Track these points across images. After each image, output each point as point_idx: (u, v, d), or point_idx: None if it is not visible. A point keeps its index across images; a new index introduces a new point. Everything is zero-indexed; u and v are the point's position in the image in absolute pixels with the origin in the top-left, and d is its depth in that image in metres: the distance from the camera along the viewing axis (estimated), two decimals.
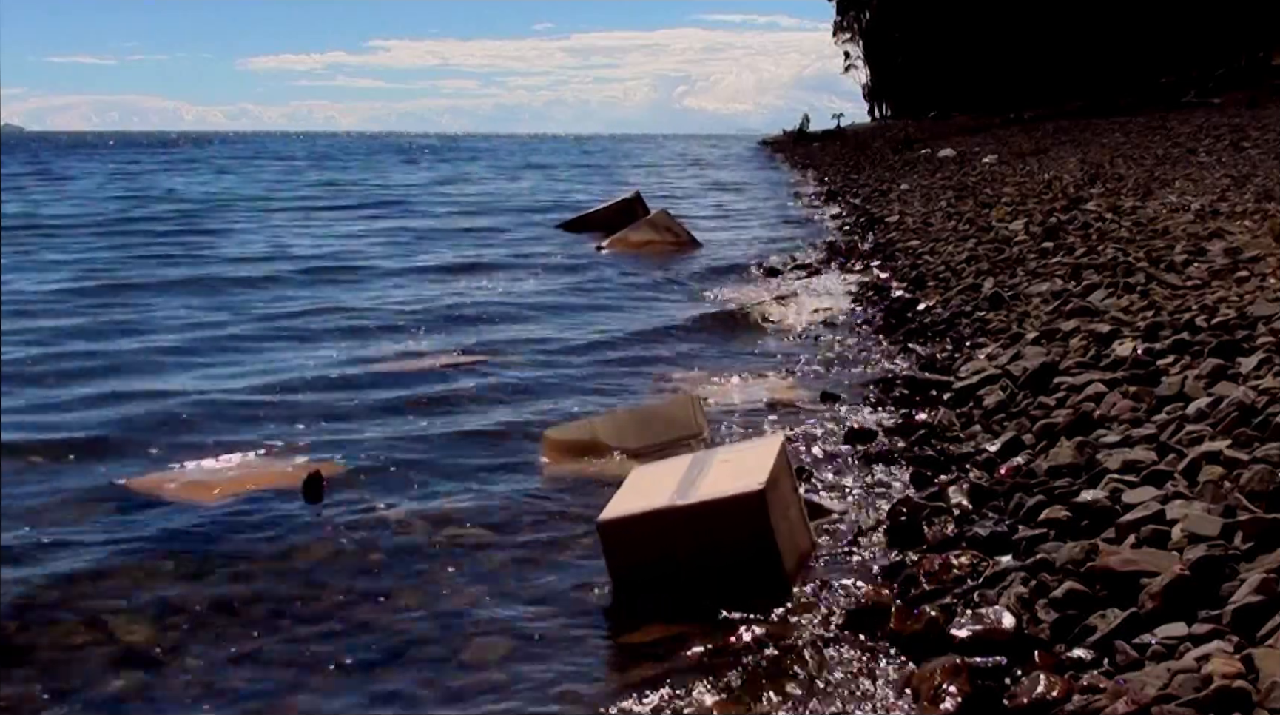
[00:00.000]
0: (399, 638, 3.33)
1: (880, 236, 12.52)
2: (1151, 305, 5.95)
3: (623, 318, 9.02)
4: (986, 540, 3.56)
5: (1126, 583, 2.94)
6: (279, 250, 13.78)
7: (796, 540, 3.75)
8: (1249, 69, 34.19)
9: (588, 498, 4.43)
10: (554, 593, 3.64)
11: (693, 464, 3.96)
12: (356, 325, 8.53)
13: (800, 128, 53.99)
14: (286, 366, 7.05)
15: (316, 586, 3.71)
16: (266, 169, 38.58)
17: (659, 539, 3.57)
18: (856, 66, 63.63)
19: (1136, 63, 38.29)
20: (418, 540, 4.10)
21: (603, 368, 7.07)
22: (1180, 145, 17.19)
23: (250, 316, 9.01)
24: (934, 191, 16.23)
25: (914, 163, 24.38)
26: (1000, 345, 6.11)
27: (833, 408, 5.72)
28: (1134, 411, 4.32)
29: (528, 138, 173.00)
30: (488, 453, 5.21)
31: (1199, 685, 2.42)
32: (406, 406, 6.00)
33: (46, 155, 50.53)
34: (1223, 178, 11.79)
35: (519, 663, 3.18)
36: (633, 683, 3.03)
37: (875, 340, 7.35)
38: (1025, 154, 20.39)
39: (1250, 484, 3.26)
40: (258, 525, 4.25)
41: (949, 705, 2.72)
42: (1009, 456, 4.34)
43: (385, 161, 47.37)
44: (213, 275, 11.32)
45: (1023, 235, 9.68)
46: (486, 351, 7.50)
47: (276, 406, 5.99)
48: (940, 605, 3.16)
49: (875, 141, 38.30)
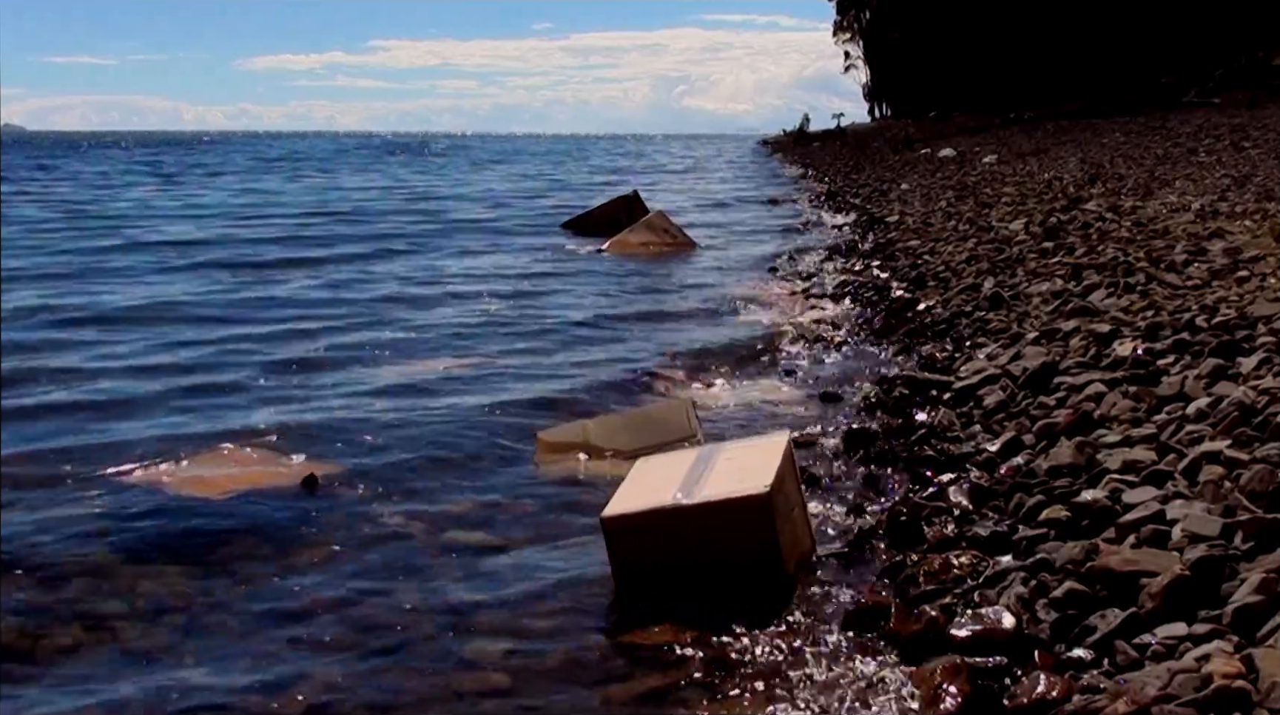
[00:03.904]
0: (398, 637, 3.33)
1: (880, 236, 12.52)
2: (1152, 305, 5.95)
3: (620, 320, 9.01)
4: (986, 540, 3.56)
5: (1126, 583, 2.93)
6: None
7: (798, 540, 3.75)
8: (1249, 69, 34.18)
9: (586, 498, 4.43)
10: (554, 591, 3.63)
11: (697, 461, 3.94)
12: (357, 325, 8.53)
13: (800, 128, 54.05)
14: (287, 366, 7.05)
15: (315, 585, 3.71)
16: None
17: (662, 536, 3.57)
18: (856, 66, 63.73)
19: (1136, 62, 38.28)
20: (416, 540, 4.11)
21: (600, 369, 7.06)
22: (1180, 145, 17.21)
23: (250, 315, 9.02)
24: (934, 191, 16.23)
25: (914, 163, 24.39)
26: (1000, 345, 6.10)
27: (833, 408, 5.72)
28: (1134, 411, 4.31)
29: (523, 137, 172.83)
30: (486, 453, 5.20)
31: (1199, 685, 2.42)
32: (406, 408, 5.99)
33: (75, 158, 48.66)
34: (1223, 177, 11.80)
35: (518, 661, 3.18)
36: (632, 682, 3.03)
37: (875, 340, 7.35)
38: (1025, 154, 20.40)
39: (1250, 484, 3.26)
40: (257, 523, 4.25)
41: (949, 705, 2.72)
42: (1009, 456, 4.33)
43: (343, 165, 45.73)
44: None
45: (1023, 235, 9.68)
46: (484, 354, 7.50)
47: (277, 406, 6.00)
48: (940, 605, 3.16)
49: (875, 141, 38.31)
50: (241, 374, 6.82)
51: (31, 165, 40.52)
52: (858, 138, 44.01)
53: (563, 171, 39.13)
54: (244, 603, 3.59)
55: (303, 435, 5.40)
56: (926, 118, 45.67)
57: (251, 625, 3.43)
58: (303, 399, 6.20)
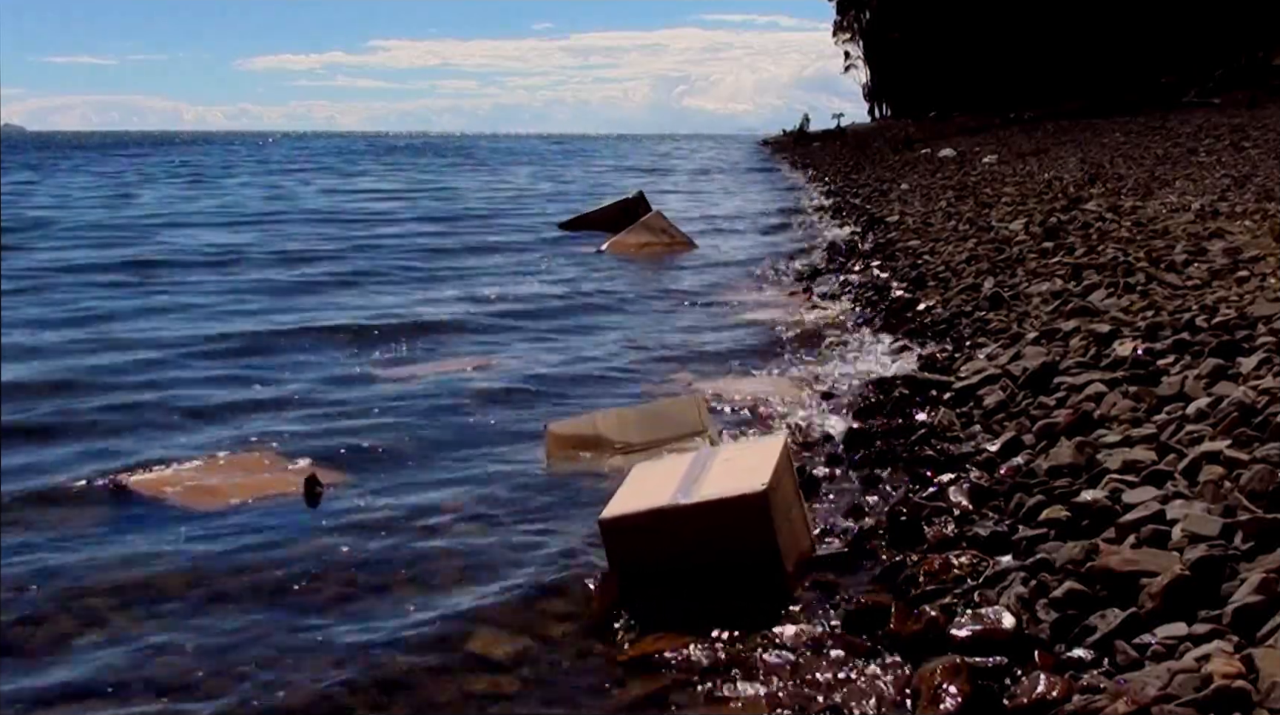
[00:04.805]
0: (400, 634, 3.33)
1: (880, 236, 12.51)
2: (1152, 305, 5.95)
3: (622, 319, 9.02)
4: (986, 540, 3.56)
5: (1126, 583, 2.93)
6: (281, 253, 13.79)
7: (797, 540, 3.75)
8: (1249, 69, 34.19)
9: (590, 495, 4.43)
10: (556, 589, 3.64)
11: (694, 462, 3.95)
12: (357, 325, 8.53)
13: (800, 128, 54.06)
14: (288, 367, 7.05)
15: (317, 582, 3.71)
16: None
17: (660, 538, 3.57)
18: (856, 66, 63.74)
19: (1136, 62, 38.29)
20: (418, 539, 4.11)
21: (603, 368, 7.08)
22: (1180, 145, 17.21)
23: (247, 317, 9.02)
24: (934, 191, 16.23)
25: (914, 163, 24.38)
26: (1000, 345, 6.11)
27: (833, 407, 5.72)
28: (1134, 411, 4.31)
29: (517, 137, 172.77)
30: (489, 452, 5.21)
31: (1199, 685, 2.42)
32: (408, 407, 6.00)
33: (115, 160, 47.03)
34: (1223, 177, 11.81)
35: (519, 661, 3.18)
36: (632, 681, 3.04)
37: (875, 340, 7.35)
38: (1025, 154, 20.41)
39: (1250, 484, 3.26)
40: (258, 522, 4.26)
41: (949, 705, 2.72)
42: (1009, 456, 4.33)
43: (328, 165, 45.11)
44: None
45: (1023, 235, 9.68)
46: (487, 352, 7.51)
47: (278, 406, 6.00)
48: (940, 605, 3.16)
49: (875, 141, 38.30)
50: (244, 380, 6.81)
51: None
52: (858, 138, 44.01)
53: (592, 170, 38.75)
54: (245, 598, 3.59)
55: (304, 435, 5.41)
56: (926, 118, 45.67)
57: (253, 621, 3.43)
58: (307, 398, 6.20)
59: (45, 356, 7.32)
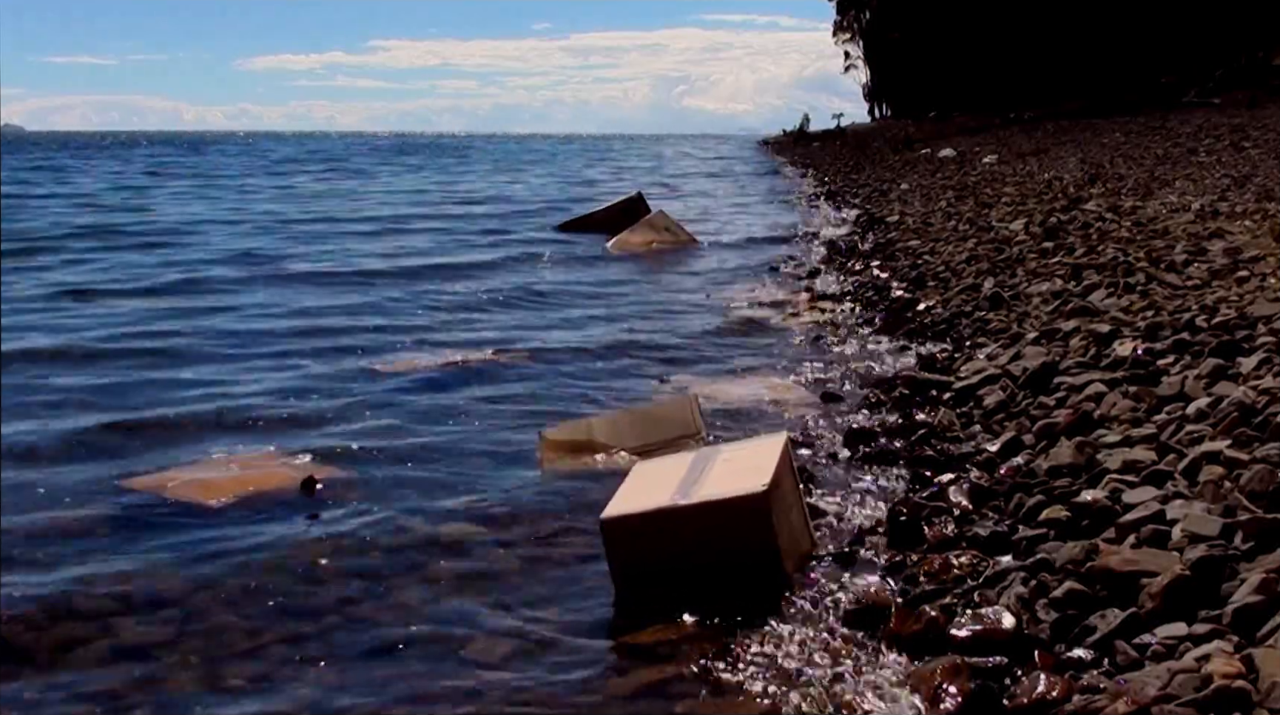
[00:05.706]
0: (399, 636, 3.33)
1: (880, 236, 12.52)
2: (1151, 305, 5.95)
3: (622, 318, 9.02)
4: (986, 540, 3.56)
5: (1126, 583, 2.94)
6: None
7: (798, 540, 3.75)
8: (1249, 69, 34.17)
9: (588, 496, 4.43)
10: (555, 591, 3.64)
11: (695, 462, 3.95)
12: (357, 326, 8.53)
13: (800, 128, 54.02)
14: (288, 366, 7.05)
15: (317, 584, 3.71)
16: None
17: (661, 538, 3.57)
18: (856, 66, 63.70)
19: (1136, 62, 38.28)
20: (418, 539, 4.10)
21: (602, 368, 7.08)
22: (1180, 145, 17.20)
23: (247, 316, 9.02)
24: (934, 191, 16.22)
25: (914, 163, 24.38)
26: (1000, 345, 6.11)
27: (833, 408, 5.72)
28: (1134, 411, 4.32)
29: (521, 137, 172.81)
30: (488, 452, 5.21)
31: (1199, 685, 2.42)
32: (408, 406, 6.00)
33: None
34: (1223, 177, 11.80)
35: (519, 661, 3.18)
36: (632, 681, 3.04)
37: (875, 340, 7.35)
38: (1025, 154, 20.41)
39: (1250, 484, 3.26)
40: (258, 523, 4.26)
41: (949, 705, 2.72)
42: (1009, 456, 4.33)
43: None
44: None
45: (1023, 235, 9.68)
46: (487, 352, 7.50)
47: (278, 406, 6.00)
48: (940, 605, 3.16)
49: (875, 141, 38.28)
50: (244, 380, 6.82)
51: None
52: (858, 138, 43.98)
53: (604, 171, 38.63)
54: (245, 601, 3.59)
55: (305, 435, 5.41)
56: (926, 118, 45.65)
57: (253, 623, 3.43)
58: (307, 398, 6.20)
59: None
